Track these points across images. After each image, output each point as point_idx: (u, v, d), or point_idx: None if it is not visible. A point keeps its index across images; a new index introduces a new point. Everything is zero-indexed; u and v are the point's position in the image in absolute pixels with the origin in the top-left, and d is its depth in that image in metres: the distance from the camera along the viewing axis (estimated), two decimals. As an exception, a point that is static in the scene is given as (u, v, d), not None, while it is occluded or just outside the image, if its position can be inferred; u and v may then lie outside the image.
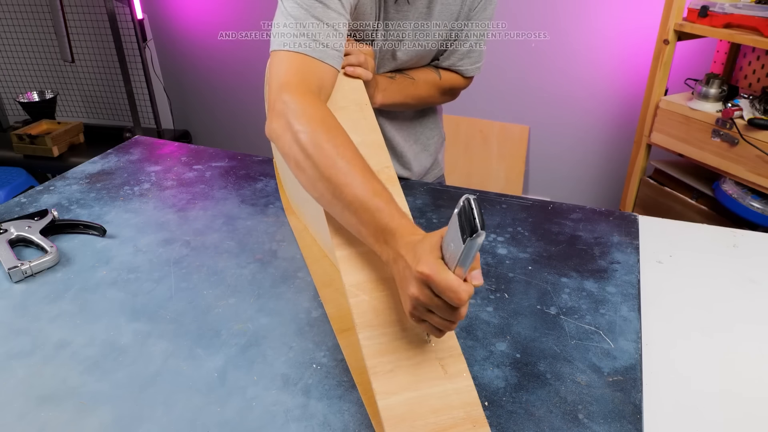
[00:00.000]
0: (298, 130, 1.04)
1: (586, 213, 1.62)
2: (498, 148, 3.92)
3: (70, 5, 4.14)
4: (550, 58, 3.62)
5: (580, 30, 3.48)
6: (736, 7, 2.47)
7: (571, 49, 3.55)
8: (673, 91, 2.92)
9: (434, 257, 0.83)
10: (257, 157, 1.92)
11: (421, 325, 0.91)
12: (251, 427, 0.96)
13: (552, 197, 2.67)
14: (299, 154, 1.03)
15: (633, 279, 1.35)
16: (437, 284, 0.81)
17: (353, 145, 1.04)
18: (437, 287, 0.82)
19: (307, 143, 1.02)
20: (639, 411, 1.00)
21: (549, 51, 3.60)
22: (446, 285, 0.81)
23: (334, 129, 1.06)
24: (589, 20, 3.43)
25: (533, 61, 3.66)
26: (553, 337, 1.17)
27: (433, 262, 0.82)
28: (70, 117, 4.71)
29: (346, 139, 1.05)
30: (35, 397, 1.02)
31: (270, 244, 1.46)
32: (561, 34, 3.50)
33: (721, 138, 2.55)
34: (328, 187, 0.99)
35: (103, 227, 1.48)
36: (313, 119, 1.05)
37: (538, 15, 3.52)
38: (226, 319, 1.21)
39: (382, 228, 0.93)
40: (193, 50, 4.53)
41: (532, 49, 3.63)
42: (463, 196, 0.75)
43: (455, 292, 0.80)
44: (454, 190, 1.71)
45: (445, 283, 0.81)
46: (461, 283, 0.81)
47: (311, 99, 1.11)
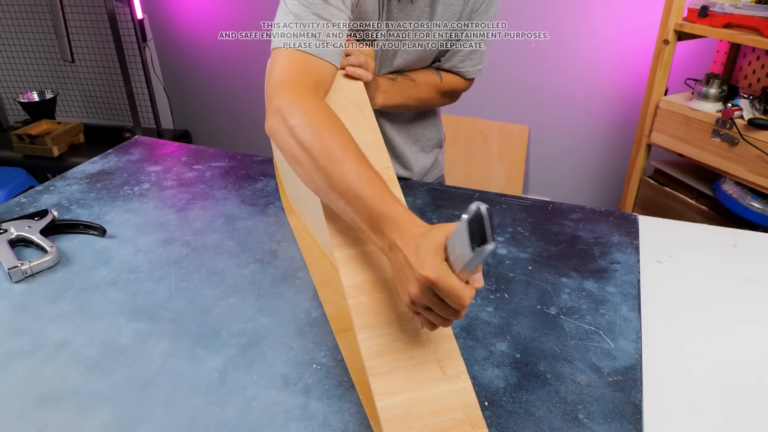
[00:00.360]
0: (293, 124, 1.04)
1: (586, 213, 1.62)
2: (498, 148, 3.92)
3: (70, 5, 4.14)
4: (550, 58, 3.62)
5: (580, 30, 3.48)
6: (736, 7, 2.47)
7: (571, 49, 3.55)
8: (673, 91, 2.92)
9: (439, 260, 0.82)
10: (257, 157, 1.92)
11: (416, 316, 0.91)
12: (251, 427, 0.96)
13: (552, 197, 2.68)
14: (295, 148, 1.04)
15: (633, 279, 1.35)
16: (442, 290, 0.81)
17: (348, 135, 1.05)
18: (441, 292, 0.81)
19: (302, 136, 1.03)
20: (639, 411, 1.00)
21: (549, 51, 3.60)
22: (450, 290, 0.80)
23: (329, 121, 1.06)
24: (589, 20, 3.43)
25: (533, 61, 3.66)
26: (553, 337, 1.17)
27: (438, 266, 0.81)
28: (70, 117, 4.71)
29: (342, 130, 1.05)
30: (35, 397, 1.02)
31: (270, 244, 1.46)
32: (561, 34, 3.50)
33: (721, 138, 2.55)
34: (324, 177, 0.99)
35: (103, 227, 1.48)
36: (308, 113, 1.06)
37: (538, 15, 3.52)
38: (226, 319, 1.21)
39: (375, 215, 0.93)
40: (193, 50, 4.53)
41: (532, 49, 3.63)
42: (474, 203, 0.73)
43: (459, 297, 0.80)
44: (454, 190, 1.72)
45: (450, 289, 0.80)
46: (465, 287, 0.81)
47: (307, 94, 1.11)
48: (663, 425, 1.00)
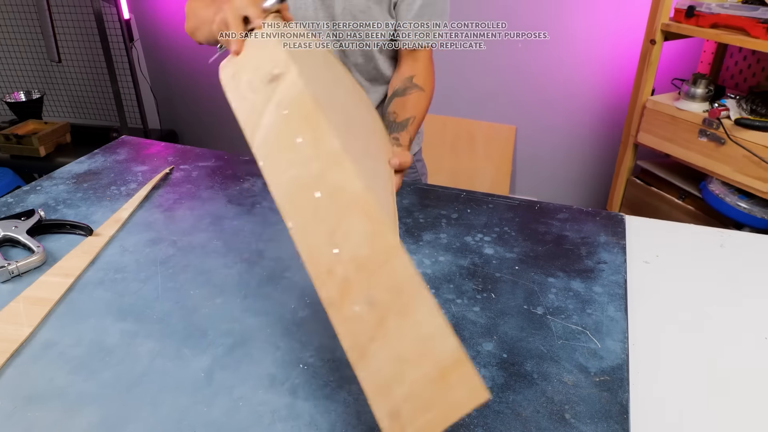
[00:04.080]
0: None
1: (572, 213, 1.62)
2: (485, 148, 3.92)
3: (57, 5, 4.13)
4: (536, 58, 3.63)
5: (566, 30, 3.49)
6: (723, 7, 2.49)
7: (557, 49, 3.56)
8: (660, 91, 2.93)
9: None
10: (244, 156, 1.92)
11: None
12: (238, 427, 0.96)
13: (539, 197, 2.68)
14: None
15: (620, 279, 1.35)
16: None
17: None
18: None
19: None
20: (626, 411, 1.00)
21: (536, 51, 3.61)
22: None
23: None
24: (575, 20, 3.44)
25: (520, 61, 3.67)
26: (540, 337, 1.17)
27: None
28: (57, 117, 4.70)
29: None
30: (22, 397, 1.02)
31: (257, 243, 1.46)
32: (548, 34, 3.51)
33: (708, 138, 2.56)
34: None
35: (90, 227, 1.48)
36: None
37: (524, 16, 3.52)
38: (213, 319, 1.21)
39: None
40: (179, 50, 4.52)
41: (518, 50, 3.63)
42: None
43: None
44: (441, 190, 1.71)
45: None
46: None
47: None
48: (650, 425, 1.00)
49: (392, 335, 0.85)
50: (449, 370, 0.81)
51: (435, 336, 0.81)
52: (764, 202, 2.50)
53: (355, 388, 1.04)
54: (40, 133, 3.71)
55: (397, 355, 0.84)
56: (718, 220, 2.71)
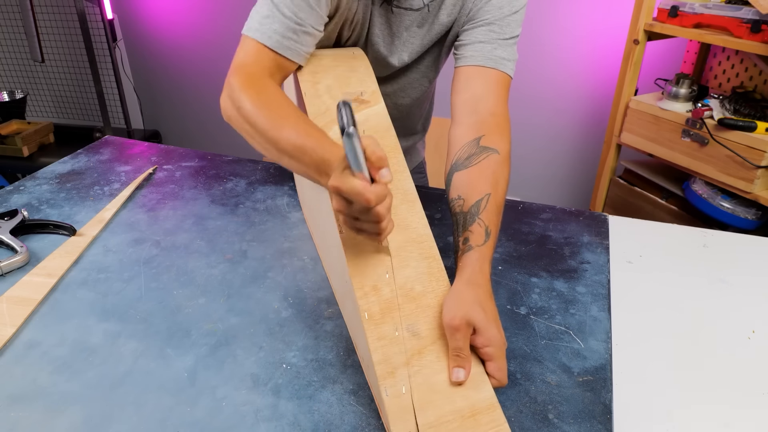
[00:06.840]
0: (240, 105, 1.12)
1: (556, 213, 1.63)
2: (469, 148, 3.91)
3: (40, 5, 4.11)
4: (520, 58, 3.63)
5: (550, 30, 3.49)
6: (706, 7, 2.50)
7: (540, 49, 3.56)
8: (643, 91, 2.94)
9: (340, 170, 0.88)
10: (227, 157, 1.92)
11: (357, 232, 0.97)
12: (221, 427, 0.96)
13: (522, 197, 2.68)
14: (245, 125, 1.12)
15: (603, 279, 1.36)
16: (344, 192, 0.87)
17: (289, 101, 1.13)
18: (346, 194, 0.87)
19: (249, 113, 1.11)
20: (609, 411, 1.01)
21: (519, 51, 3.61)
22: (350, 189, 0.86)
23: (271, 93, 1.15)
24: (559, 20, 3.45)
25: (505, 62, 3.67)
26: (523, 337, 1.17)
27: (339, 174, 0.88)
28: (40, 117, 4.67)
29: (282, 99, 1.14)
30: (5, 397, 1.01)
31: (240, 244, 1.46)
32: (531, 33, 3.51)
33: (691, 138, 2.57)
34: (272, 143, 1.08)
35: (73, 227, 1.47)
36: (252, 89, 1.14)
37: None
38: (196, 319, 1.20)
39: (319, 162, 0.99)
40: (163, 50, 4.51)
41: (504, 50, 3.63)
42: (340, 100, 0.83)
43: (360, 194, 0.85)
44: (424, 190, 1.72)
45: (349, 188, 0.86)
46: (365, 185, 0.85)
47: (258, 77, 1.18)
48: (633, 425, 1.01)
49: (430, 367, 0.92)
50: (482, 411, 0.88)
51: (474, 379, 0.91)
52: (747, 202, 2.51)
53: (339, 388, 1.04)
54: (24, 133, 3.68)
55: (431, 385, 0.90)
56: (701, 219, 2.72)
